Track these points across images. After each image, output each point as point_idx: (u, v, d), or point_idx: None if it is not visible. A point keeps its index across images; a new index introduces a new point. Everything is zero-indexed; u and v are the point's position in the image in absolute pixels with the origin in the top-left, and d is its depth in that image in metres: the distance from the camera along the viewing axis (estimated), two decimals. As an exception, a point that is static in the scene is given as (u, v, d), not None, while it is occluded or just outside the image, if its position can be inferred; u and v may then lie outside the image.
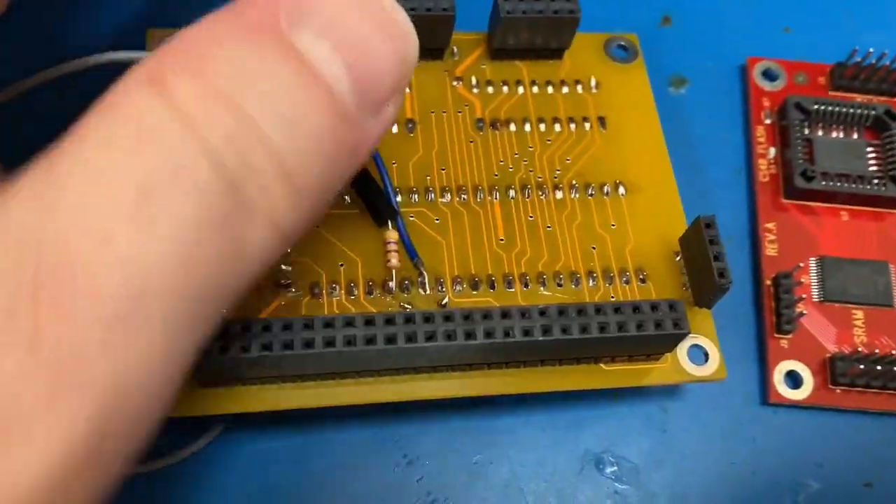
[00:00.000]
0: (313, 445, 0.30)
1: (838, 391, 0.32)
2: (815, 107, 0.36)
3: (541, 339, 0.25)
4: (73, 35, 0.36)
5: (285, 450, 0.30)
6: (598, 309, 0.26)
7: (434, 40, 0.33)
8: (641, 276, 0.30)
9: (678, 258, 0.31)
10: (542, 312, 0.26)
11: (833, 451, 0.32)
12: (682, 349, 0.30)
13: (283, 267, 0.29)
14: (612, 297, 0.30)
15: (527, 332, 0.25)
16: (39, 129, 0.33)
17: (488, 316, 0.25)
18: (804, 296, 0.33)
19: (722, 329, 0.31)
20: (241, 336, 0.24)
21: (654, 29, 0.40)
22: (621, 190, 0.32)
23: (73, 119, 0.33)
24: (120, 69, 0.29)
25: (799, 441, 0.32)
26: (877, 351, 0.32)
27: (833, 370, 0.32)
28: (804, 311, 0.32)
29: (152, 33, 0.32)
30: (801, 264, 0.34)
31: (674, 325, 0.26)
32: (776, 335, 0.33)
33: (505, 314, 0.25)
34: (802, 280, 0.33)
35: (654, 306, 0.27)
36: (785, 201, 0.35)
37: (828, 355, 0.32)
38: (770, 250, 0.34)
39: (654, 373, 0.29)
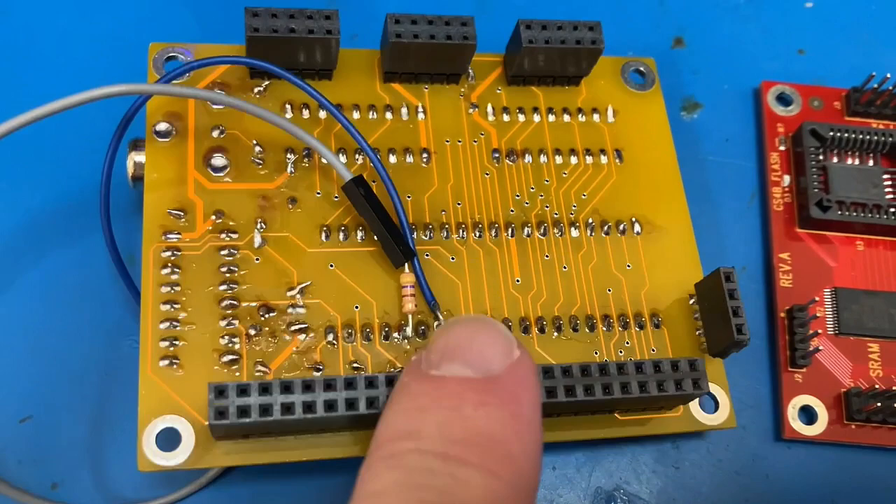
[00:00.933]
0: (312, 492, 0.29)
1: (854, 427, 0.32)
2: (832, 133, 0.35)
3: (564, 400, 0.25)
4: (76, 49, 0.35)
5: (283, 496, 0.29)
6: (620, 367, 0.26)
7: (452, 67, 0.32)
8: (656, 322, 0.30)
9: (692, 301, 0.30)
10: (566, 371, 0.25)
11: (849, 487, 0.32)
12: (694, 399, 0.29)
13: (298, 310, 0.28)
14: (627, 343, 0.30)
15: (550, 393, 0.25)
16: (45, 150, 0.33)
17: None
18: (819, 331, 0.33)
19: (735, 362, 0.30)
20: (262, 398, 0.24)
21: (665, 51, 0.39)
22: (637, 228, 0.32)
23: (79, 141, 0.32)
24: (121, 101, 0.28)
25: (814, 477, 0.32)
26: (894, 388, 0.32)
27: (848, 406, 0.32)
28: (820, 347, 0.32)
29: (154, 47, 0.31)
30: (817, 298, 0.33)
31: (693, 385, 0.26)
32: (790, 369, 0.32)
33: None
34: (817, 313, 0.33)
35: (675, 365, 0.26)
36: (799, 230, 0.35)
37: (843, 390, 0.32)
38: (784, 281, 0.34)
39: (666, 421, 0.29)
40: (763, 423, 0.32)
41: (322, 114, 0.31)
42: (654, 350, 0.29)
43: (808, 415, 0.32)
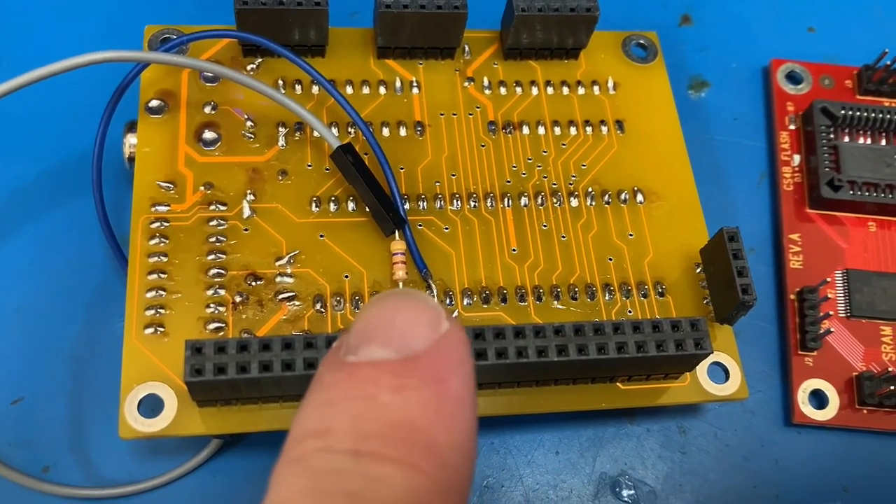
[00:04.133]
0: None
1: (865, 411, 0.31)
2: (843, 112, 0.34)
3: (556, 359, 0.24)
4: (73, 30, 0.35)
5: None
6: (617, 327, 0.25)
7: (445, 39, 0.31)
8: (660, 290, 0.29)
9: (699, 270, 0.29)
10: (558, 331, 0.24)
11: (860, 474, 0.30)
12: (703, 367, 0.28)
13: (286, 278, 0.27)
14: (630, 311, 0.29)
15: (541, 353, 0.24)
16: (38, 123, 0.33)
17: (500, 334, 0.24)
18: (830, 312, 0.31)
19: (743, 345, 0.29)
20: (240, 355, 0.23)
21: (672, 28, 0.38)
22: (639, 197, 0.31)
23: (73, 114, 0.32)
24: (115, 67, 0.28)
25: (824, 463, 0.30)
26: (907, 371, 0.31)
27: (860, 390, 0.30)
28: (831, 329, 0.31)
29: (150, 29, 0.31)
30: (828, 279, 0.32)
31: (695, 345, 0.25)
32: (800, 352, 0.31)
33: (518, 332, 0.24)
34: (828, 294, 0.32)
35: (675, 325, 0.25)
36: (810, 211, 0.34)
37: (855, 374, 0.31)
38: (794, 263, 0.33)
39: (673, 391, 0.28)
40: (772, 408, 0.31)
41: (314, 90, 0.31)
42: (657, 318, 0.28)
43: (818, 399, 0.31)
